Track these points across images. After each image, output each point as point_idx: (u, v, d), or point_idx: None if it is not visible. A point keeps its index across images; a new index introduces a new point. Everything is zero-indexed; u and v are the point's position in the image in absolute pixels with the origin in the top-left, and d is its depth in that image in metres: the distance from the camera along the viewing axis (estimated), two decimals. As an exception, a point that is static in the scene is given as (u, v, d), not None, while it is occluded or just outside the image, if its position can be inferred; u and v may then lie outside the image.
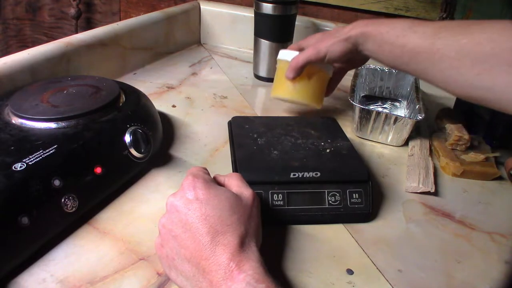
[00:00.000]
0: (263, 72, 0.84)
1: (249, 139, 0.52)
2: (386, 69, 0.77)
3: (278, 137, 0.53)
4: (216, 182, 0.43)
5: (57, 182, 0.41)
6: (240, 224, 0.36)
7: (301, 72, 0.62)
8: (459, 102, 0.73)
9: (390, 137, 0.64)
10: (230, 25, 0.99)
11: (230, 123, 0.60)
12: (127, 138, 0.49)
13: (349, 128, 0.67)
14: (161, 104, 0.70)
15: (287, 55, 0.63)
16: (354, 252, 0.44)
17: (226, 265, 0.33)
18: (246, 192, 0.40)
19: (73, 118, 0.48)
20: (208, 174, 0.43)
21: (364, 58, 0.62)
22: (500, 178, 0.59)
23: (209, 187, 0.38)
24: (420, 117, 0.62)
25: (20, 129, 0.46)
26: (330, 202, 0.47)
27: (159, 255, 0.38)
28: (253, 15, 0.80)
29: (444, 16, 0.77)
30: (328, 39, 0.59)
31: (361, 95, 0.78)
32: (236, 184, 0.42)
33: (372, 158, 0.61)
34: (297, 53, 0.62)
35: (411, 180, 0.55)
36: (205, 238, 0.35)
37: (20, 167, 0.40)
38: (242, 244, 0.35)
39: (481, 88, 0.44)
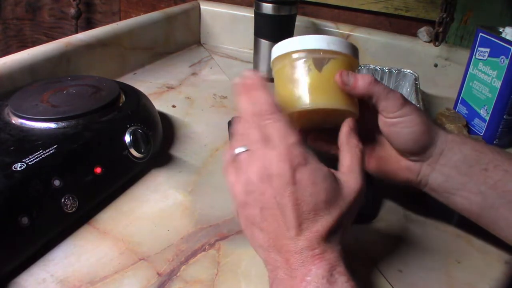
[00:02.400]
0: (263, 72, 0.84)
1: (249, 139, 0.52)
2: (386, 69, 0.77)
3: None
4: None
5: (57, 182, 0.41)
6: (333, 217, 0.33)
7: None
8: (459, 102, 0.73)
9: (390, 137, 0.64)
10: (230, 25, 0.99)
11: (230, 123, 0.60)
12: (127, 138, 0.49)
13: (349, 128, 0.67)
14: (161, 104, 0.70)
15: (304, 43, 0.42)
16: (354, 252, 0.44)
17: (309, 250, 0.32)
18: (353, 183, 0.35)
19: (73, 118, 0.48)
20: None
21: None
22: (500, 178, 0.59)
23: (311, 170, 0.33)
24: (420, 117, 0.62)
25: (20, 129, 0.46)
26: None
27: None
28: (253, 15, 0.80)
29: (444, 16, 0.77)
30: None
31: (361, 95, 0.78)
32: (349, 165, 0.37)
33: (372, 158, 0.61)
34: (300, 37, 0.43)
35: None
36: (292, 222, 0.33)
37: (20, 167, 0.40)
38: (330, 235, 0.33)
39: None
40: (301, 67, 0.41)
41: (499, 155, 0.43)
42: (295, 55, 0.42)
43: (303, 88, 0.41)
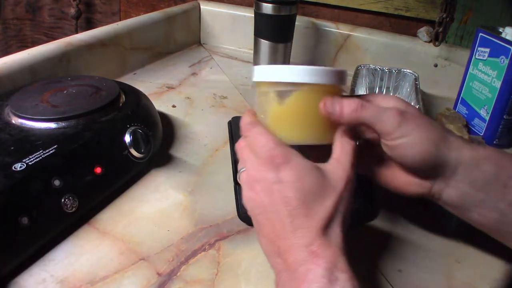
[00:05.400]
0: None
1: (249, 139, 0.52)
2: (386, 69, 0.77)
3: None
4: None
5: (57, 182, 0.41)
6: (325, 208, 0.33)
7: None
8: (459, 102, 0.73)
9: (390, 137, 0.64)
10: (230, 25, 0.99)
11: (230, 123, 0.60)
12: (127, 138, 0.49)
13: (349, 128, 0.67)
14: (161, 104, 0.70)
15: (268, 74, 0.39)
16: (354, 252, 0.44)
17: (305, 248, 0.32)
18: (341, 172, 0.35)
19: (73, 118, 0.48)
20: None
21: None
22: (500, 178, 0.59)
23: (293, 167, 0.34)
24: (420, 117, 0.62)
25: (20, 129, 0.46)
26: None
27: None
28: (253, 15, 0.80)
29: (444, 16, 0.77)
30: None
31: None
32: (338, 156, 0.36)
33: (372, 158, 0.61)
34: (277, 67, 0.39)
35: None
36: (285, 220, 0.33)
37: (20, 167, 0.40)
38: (325, 227, 0.33)
39: None
40: (267, 99, 0.39)
41: None
42: (263, 86, 0.40)
43: (269, 120, 0.39)
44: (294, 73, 0.38)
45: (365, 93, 0.56)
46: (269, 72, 0.39)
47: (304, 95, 0.38)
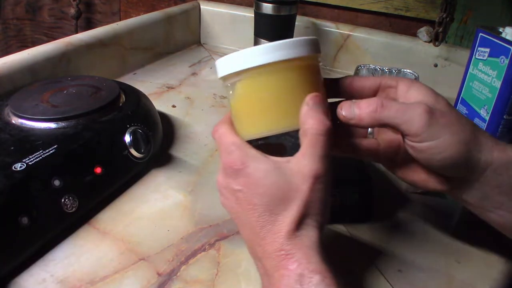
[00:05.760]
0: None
1: (249, 139, 0.52)
2: (386, 69, 0.77)
3: (278, 136, 0.53)
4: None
5: (57, 182, 0.41)
6: (291, 212, 0.31)
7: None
8: (459, 102, 0.73)
9: (390, 137, 0.64)
10: (230, 25, 0.99)
11: (230, 123, 0.60)
12: (127, 138, 0.49)
13: (349, 128, 0.67)
14: (161, 104, 0.70)
15: (219, 69, 0.35)
16: (354, 252, 0.44)
17: (277, 254, 0.31)
18: (307, 169, 0.32)
19: (73, 118, 0.48)
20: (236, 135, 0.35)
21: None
22: (500, 178, 0.59)
23: (251, 173, 0.32)
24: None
25: (20, 129, 0.46)
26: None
27: None
28: (253, 15, 0.80)
29: (444, 16, 0.77)
30: None
31: (361, 95, 0.78)
32: (302, 149, 0.33)
33: (372, 158, 0.61)
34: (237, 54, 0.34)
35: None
36: (255, 227, 0.32)
37: (20, 167, 0.40)
38: (295, 229, 0.31)
39: None
40: (227, 95, 0.36)
41: None
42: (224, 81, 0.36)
43: (232, 117, 0.36)
44: (230, 62, 0.33)
45: (385, 75, 0.44)
46: (217, 67, 0.35)
47: (250, 82, 0.34)
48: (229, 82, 0.35)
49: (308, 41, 0.34)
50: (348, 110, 0.34)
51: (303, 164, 0.32)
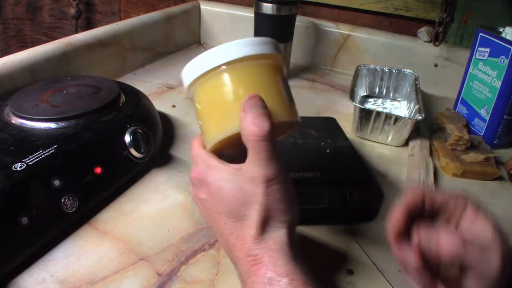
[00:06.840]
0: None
1: (249, 139, 0.52)
2: (386, 69, 0.77)
3: None
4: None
5: (57, 182, 0.41)
6: (251, 217, 0.32)
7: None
8: (459, 102, 0.73)
9: (390, 137, 0.64)
10: (230, 25, 0.99)
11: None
12: (127, 138, 0.49)
13: (349, 128, 0.67)
14: (161, 104, 0.70)
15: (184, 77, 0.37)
16: (354, 252, 0.44)
17: (246, 260, 0.32)
18: (256, 175, 0.32)
19: (73, 118, 0.48)
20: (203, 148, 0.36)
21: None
22: (500, 178, 0.59)
23: (210, 182, 0.34)
24: (420, 117, 0.62)
25: (20, 129, 0.46)
26: (330, 202, 0.47)
27: None
28: (253, 15, 0.80)
29: (444, 16, 0.77)
30: None
31: (361, 95, 0.78)
32: (248, 157, 0.33)
33: (372, 158, 0.61)
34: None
35: (411, 180, 0.55)
36: (225, 234, 0.33)
37: (20, 167, 0.40)
38: (260, 234, 0.32)
39: None
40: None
41: None
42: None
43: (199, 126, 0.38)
44: (185, 73, 0.36)
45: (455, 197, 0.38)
46: (184, 75, 0.37)
47: (203, 88, 0.35)
48: (188, 95, 0.37)
49: (240, 44, 0.34)
50: (426, 241, 0.31)
51: (252, 172, 0.32)
